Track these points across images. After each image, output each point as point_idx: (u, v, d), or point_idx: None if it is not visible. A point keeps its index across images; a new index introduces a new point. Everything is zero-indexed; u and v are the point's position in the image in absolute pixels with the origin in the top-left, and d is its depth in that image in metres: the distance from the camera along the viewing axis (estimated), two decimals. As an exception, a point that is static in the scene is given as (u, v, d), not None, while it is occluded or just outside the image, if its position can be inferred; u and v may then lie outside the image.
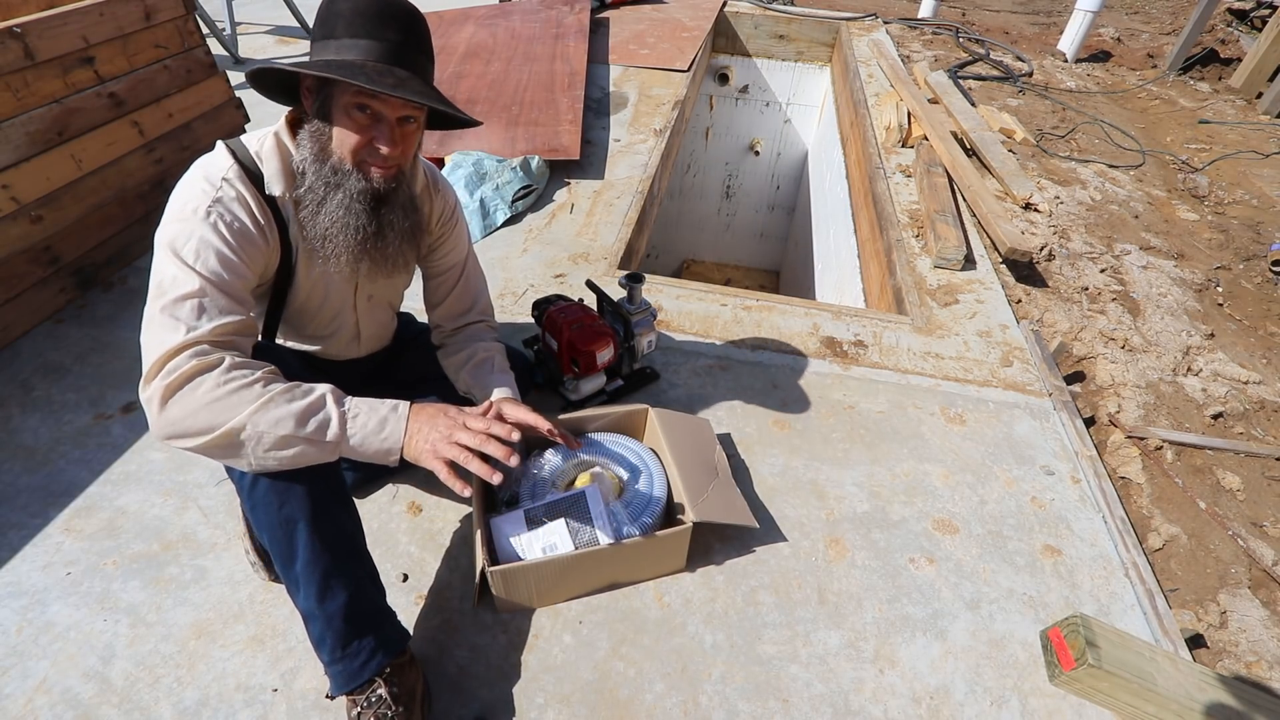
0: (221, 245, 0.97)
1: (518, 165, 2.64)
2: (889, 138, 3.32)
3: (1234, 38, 4.98)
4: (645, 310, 1.72)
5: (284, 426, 0.91)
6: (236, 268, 0.99)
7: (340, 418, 0.95)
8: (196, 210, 0.98)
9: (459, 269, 1.42)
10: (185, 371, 0.88)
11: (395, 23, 1.00)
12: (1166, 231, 2.84)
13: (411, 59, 1.02)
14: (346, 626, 1.05)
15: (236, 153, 1.05)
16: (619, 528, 1.32)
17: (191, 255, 0.95)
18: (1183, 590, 1.51)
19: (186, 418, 0.88)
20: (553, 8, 4.54)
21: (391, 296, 1.42)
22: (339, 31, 0.99)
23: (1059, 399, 1.90)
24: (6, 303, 1.79)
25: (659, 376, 1.85)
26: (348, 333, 1.36)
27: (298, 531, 1.02)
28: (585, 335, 1.60)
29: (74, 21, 1.87)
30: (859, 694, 1.23)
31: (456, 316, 1.45)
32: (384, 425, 0.97)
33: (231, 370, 0.91)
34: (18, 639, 1.22)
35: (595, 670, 1.23)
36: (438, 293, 1.43)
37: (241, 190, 1.02)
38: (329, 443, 0.94)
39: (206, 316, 0.93)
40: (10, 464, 1.52)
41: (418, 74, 1.03)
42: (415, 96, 0.97)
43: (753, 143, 5.75)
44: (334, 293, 1.26)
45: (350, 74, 0.94)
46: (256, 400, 0.90)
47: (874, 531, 1.51)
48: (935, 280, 2.36)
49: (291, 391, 0.94)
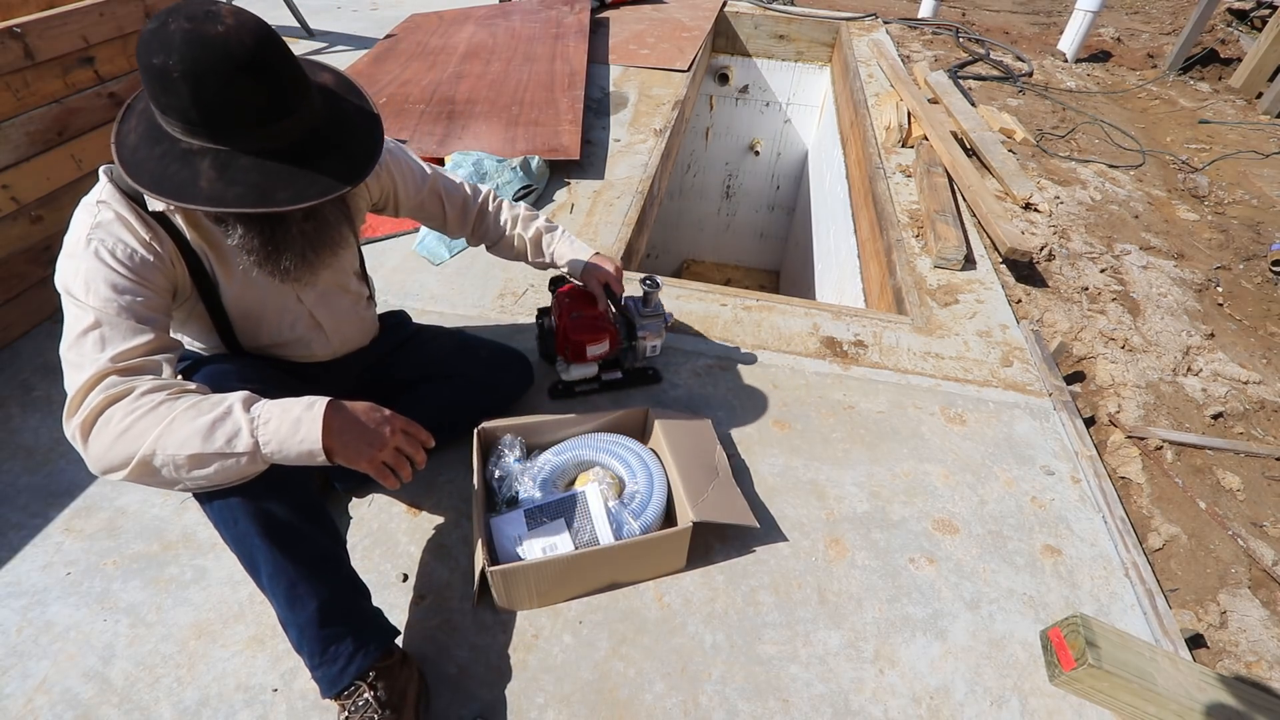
0: (109, 271, 0.94)
1: (518, 165, 2.64)
2: (889, 138, 3.32)
3: (1234, 38, 4.98)
4: (658, 315, 1.73)
5: (190, 445, 0.88)
6: (131, 289, 0.95)
7: (250, 425, 0.90)
8: (78, 241, 0.95)
9: (427, 190, 1.41)
10: (95, 407, 0.88)
11: (255, 89, 0.86)
12: (1166, 231, 2.84)
13: (286, 109, 0.90)
14: (321, 632, 1.05)
15: (112, 175, 1.00)
16: (619, 528, 1.32)
17: (81, 290, 0.93)
18: (1183, 590, 1.51)
19: (106, 453, 0.87)
20: (553, 8, 4.54)
21: (340, 279, 1.31)
22: (202, 132, 0.87)
23: (1059, 399, 1.90)
24: (6, 303, 1.79)
25: (660, 379, 1.84)
26: (310, 331, 1.29)
27: (255, 546, 1.02)
28: (579, 326, 1.62)
29: (74, 21, 1.87)
30: (859, 694, 1.23)
31: (465, 220, 1.49)
32: (298, 427, 0.91)
33: (141, 397, 0.89)
34: (18, 639, 1.22)
35: (595, 670, 1.23)
36: (432, 219, 1.46)
37: (119, 210, 0.97)
38: (243, 453, 0.90)
39: (110, 346, 0.91)
40: (10, 464, 1.52)
41: (304, 113, 0.92)
42: (316, 197, 0.91)
43: (753, 143, 5.75)
44: (271, 292, 1.18)
45: (250, 200, 0.88)
46: (161, 423, 0.87)
47: (874, 531, 1.51)
48: (935, 280, 2.36)
49: (198, 406, 0.90)
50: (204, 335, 1.21)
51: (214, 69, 0.83)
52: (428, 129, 2.96)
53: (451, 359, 1.58)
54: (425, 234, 2.32)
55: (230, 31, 0.83)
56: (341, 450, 0.95)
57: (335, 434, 0.94)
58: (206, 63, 0.82)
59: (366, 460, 0.98)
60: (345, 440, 0.95)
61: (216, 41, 0.82)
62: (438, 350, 1.59)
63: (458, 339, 1.63)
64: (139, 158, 0.90)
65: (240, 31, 0.84)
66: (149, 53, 0.82)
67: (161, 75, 0.83)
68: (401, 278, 2.17)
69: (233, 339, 1.22)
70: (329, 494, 1.48)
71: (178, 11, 0.83)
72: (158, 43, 0.82)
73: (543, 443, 1.51)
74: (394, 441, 1.01)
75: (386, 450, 1.00)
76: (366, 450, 0.97)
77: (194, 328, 1.19)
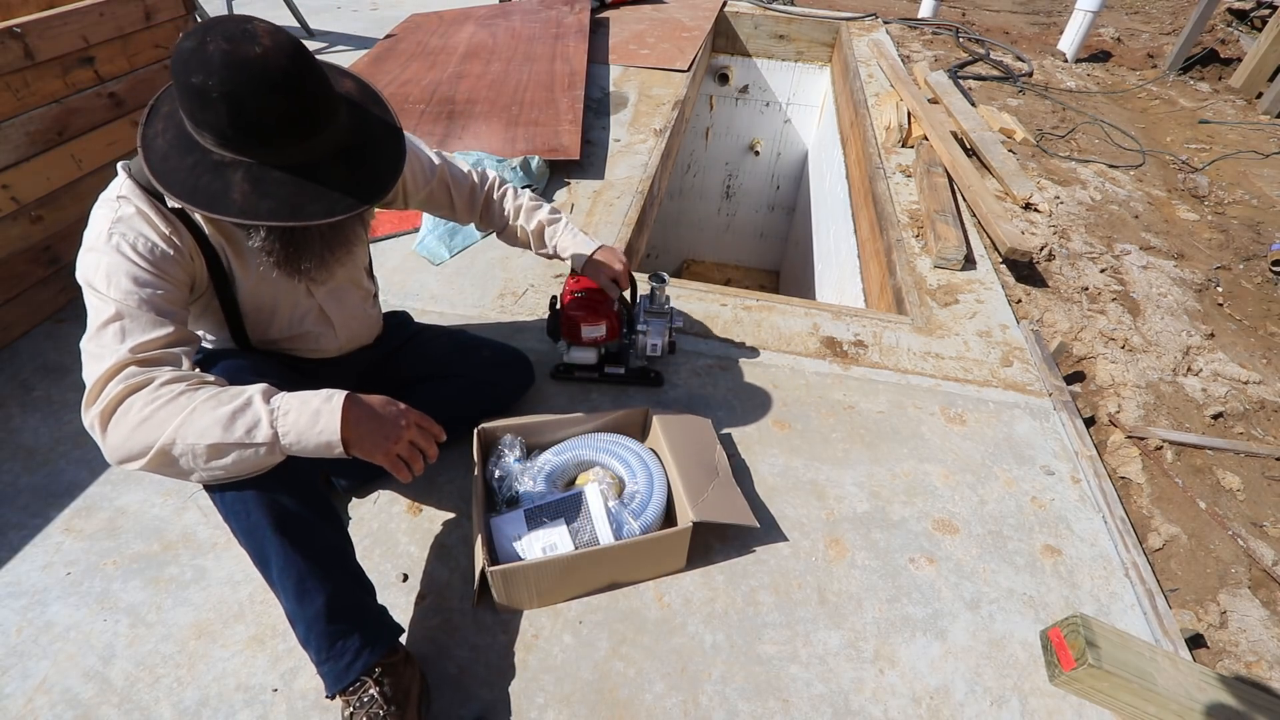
0: (129, 264, 0.96)
1: (518, 165, 2.64)
2: (889, 138, 3.32)
3: (1234, 38, 4.98)
4: (665, 314, 1.73)
5: (211, 435, 0.89)
6: (151, 282, 0.97)
7: (269, 416, 0.92)
8: (100, 235, 0.97)
9: (436, 181, 1.42)
10: (115, 396, 0.89)
11: (289, 110, 0.89)
12: (1166, 231, 2.84)
13: (317, 126, 0.93)
14: (329, 627, 1.05)
15: (132, 170, 1.02)
16: (619, 528, 1.32)
17: (103, 283, 0.94)
18: (1183, 590, 1.51)
19: (125, 442, 0.89)
20: (553, 8, 4.54)
21: (353, 274, 1.35)
22: (236, 146, 0.90)
23: (1059, 399, 1.90)
24: (6, 303, 1.79)
25: (662, 383, 1.83)
26: (319, 326, 1.31)
27: (267, 539, 1.03)
28: (579, 305, 1.62)
29: (74, 21, 1.87)
30: (859, 694, 1.23)
31: (473, 208, 1.50)
32: (318, 418, 0.94)
33: (161, 387, 0.91)
34: (18, 639, 1.22)
35: (595, 670, 1.23)
36: (440, 209, 1.47)
37: (140, 205, 0.99)
38: (262, 444, 0.92)
39: (130, 338, 0.93)
40: (10, 464, 1.52)
41: (332, 129, 0.95)
42: (345, 212, 0.94)
43: (753, 143, 5.75)
44: (284, 287, 1.21)
45: (282, 214, 0.91)
46: (181, 412, 0.89)
47: (874, 531, 1.51)
48: (935, 280, 2.36)
49: (218, 397, 0.92)
50: (215, 329, 1.23)
51: (253, 91, 0.85)
52: (428, 129, 2.96)
53: (452, 358, 1.58)
54: (425, 234, 2.32)
55: (268, 53, 0.86)
56: (359, 442, 0.97)
57: (353, 426, 0.96)
58: (245, 85, 0.85)
59: (382, 453, 1.00)
60: (363, 432, 0.97)
61: (255, 64, 0.85)
62: (438, 350, 1.59)
63: (458, 338, 1.64)
64: (169, 166, 0.92)
65: (277, 53, 0.87)
66: (187, 71, 0.85)
67: (200, 94, 0.85)
68: (401, 278, 2.17)
69: (243, 334, 1.23)
70: (330, 492, 1.48)
71: (215, 30, 0.85)
72: (197, 62, 0.84)
73: (543, 443, 1.51)
74: (409, 435, 1.03)
75: (402, 443, 1.01)
76: (383, 443, 0.99)
77: (206, 322, 1.21)
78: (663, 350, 1.76)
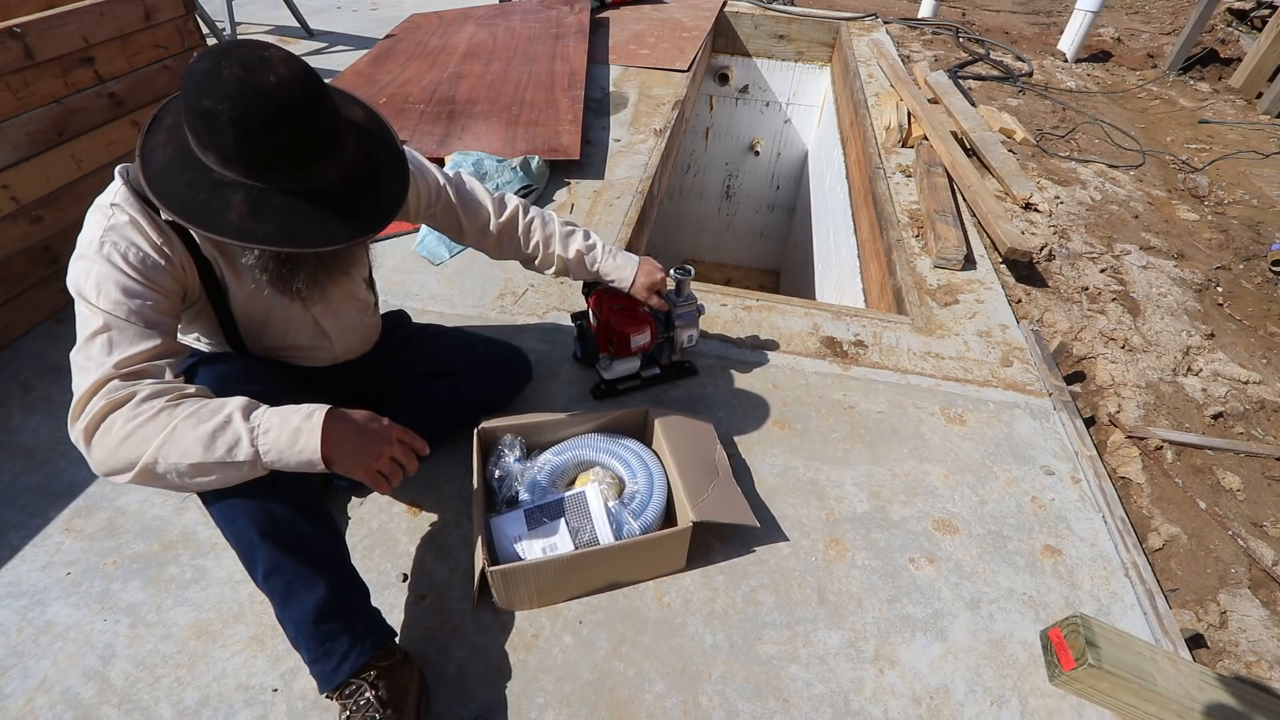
0: (120, 275, 0.95)
1: (517, 165, 2.64)
2: (889, 138, 3.32)
3: (1234, 38, 4.98)
4: (690, 305, 1.74)
5: (192, 454, 0.90)
6: (140, 293, 0.96)
7: (250, 435, 0.93)
8: (91, 243, 0.96)
9: (441, 205, 1.40)
10: (98, 413, 0.90)
11: (297, 139, 0.88)
12: (1166, 231, 2.84)
13: (322, 156, 0.92)
14: (316, 629, 1.05)
15: (128, 177, 1.00)
16: (619, 528, 1.32)
17: (93, 292, 0.94)
18: (1183, 590, 1.51)
19: (109, 458, 0.90)
20: (553, 8, 4.54)
21: (350, 288, 1.33)
22: (238, 168, 0.89)
23: (1059, 399, 1.90)
24: (6, 303, 1.79)
25: (697, 372, 1.85)
26: (315, 338, 1.30)
27: (255, 545, 1.03)
28: (622, 318, 1.62)
29: (74, 21, 1.87)
30: (859, 694, 1.23)
31: (484, 238, 1.47)
32: (297, 437, 0.94)
33: (141, 404, 0.91)
34: (18, 639, 1.22)
35: (595, 670, 1.23)
36: (448, 230, 1.44)
37: (133, 214, 0.98)
38: (244, 462, 0.93)
39: (117, 350, 0.93)
40: (10, 464, 1.52)
41: (338, 158, 0.94)
42: (343, 241, 0.94)
43: (753, 143, 5.75)
44: (278, 300, 1.18)
45: (279, 240, 0.91)
46: (162, 431, 0.90)
47: (874, 531, 1.51)
48: (935, 280, 2.36)
49: (198, 414, 0.91)
50: (211, 334, 1.23)
51: (263, 120, 0.85)
52: (428, 129, 2.96)
53: (450, 356, 1.58)
54: (425, 234, 2.32)
55: (282, 83, 0.85)
56: (339, 460, 0.98)
57: (333, 444, 0.96)
58: (256, 113, 0.84)
59: (363, 470, 1.00)
60: (344, 450, 0.98)
61: (268, 93, 0.84)
62: (436, 348, 1.59)
63: (456, 336, 1.63)
64: (167, 180, 0.91)
65: (291, 84, 0.86)
66: (199, 93, 0.84)
67: (209, 116, 0.85)
68: (401, 278, 2.17)
69: (238, 340, 1.23)
70: (329, 493, 1.48)
71: (230, 55, 0.85)
72: (210, 85, 0.83)
73: (543, 443, 1.51)
74: (390, 451, 1.03)
75: (383, 460, 1.02)
76: (364, 460, 1.00)
77: (201, 326, 1.21)
78: (696, 340, 1.79)
